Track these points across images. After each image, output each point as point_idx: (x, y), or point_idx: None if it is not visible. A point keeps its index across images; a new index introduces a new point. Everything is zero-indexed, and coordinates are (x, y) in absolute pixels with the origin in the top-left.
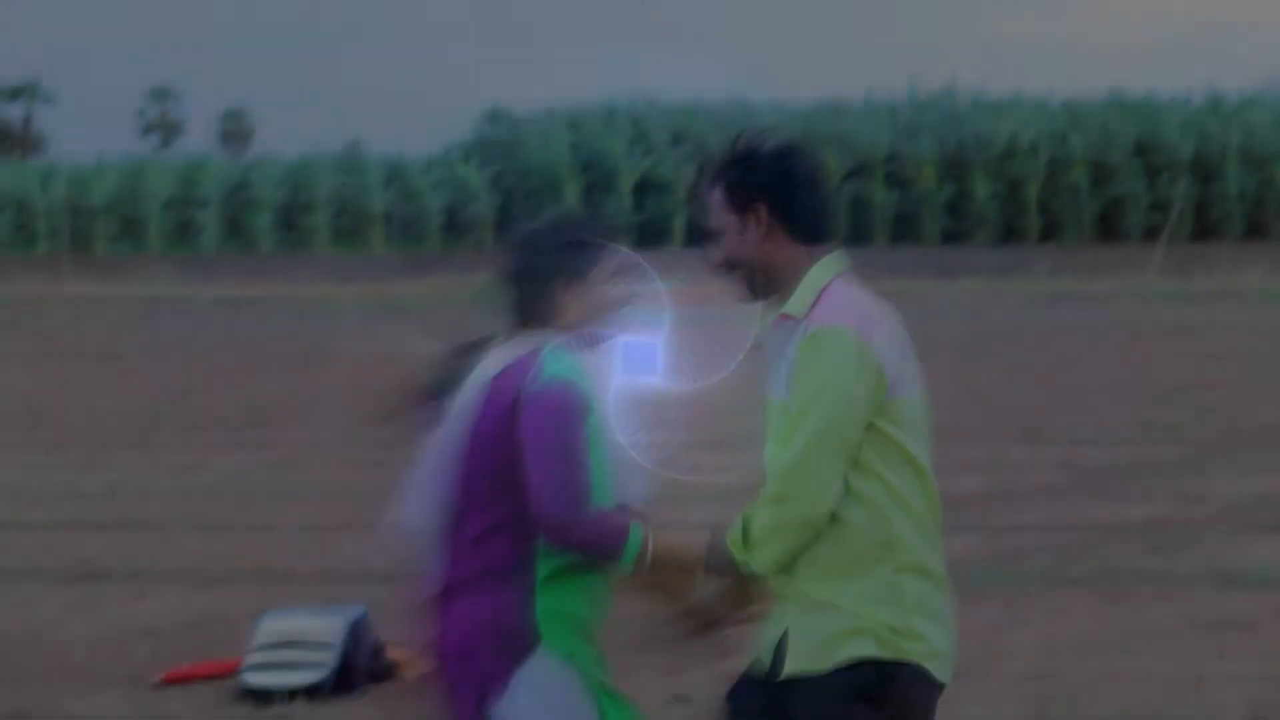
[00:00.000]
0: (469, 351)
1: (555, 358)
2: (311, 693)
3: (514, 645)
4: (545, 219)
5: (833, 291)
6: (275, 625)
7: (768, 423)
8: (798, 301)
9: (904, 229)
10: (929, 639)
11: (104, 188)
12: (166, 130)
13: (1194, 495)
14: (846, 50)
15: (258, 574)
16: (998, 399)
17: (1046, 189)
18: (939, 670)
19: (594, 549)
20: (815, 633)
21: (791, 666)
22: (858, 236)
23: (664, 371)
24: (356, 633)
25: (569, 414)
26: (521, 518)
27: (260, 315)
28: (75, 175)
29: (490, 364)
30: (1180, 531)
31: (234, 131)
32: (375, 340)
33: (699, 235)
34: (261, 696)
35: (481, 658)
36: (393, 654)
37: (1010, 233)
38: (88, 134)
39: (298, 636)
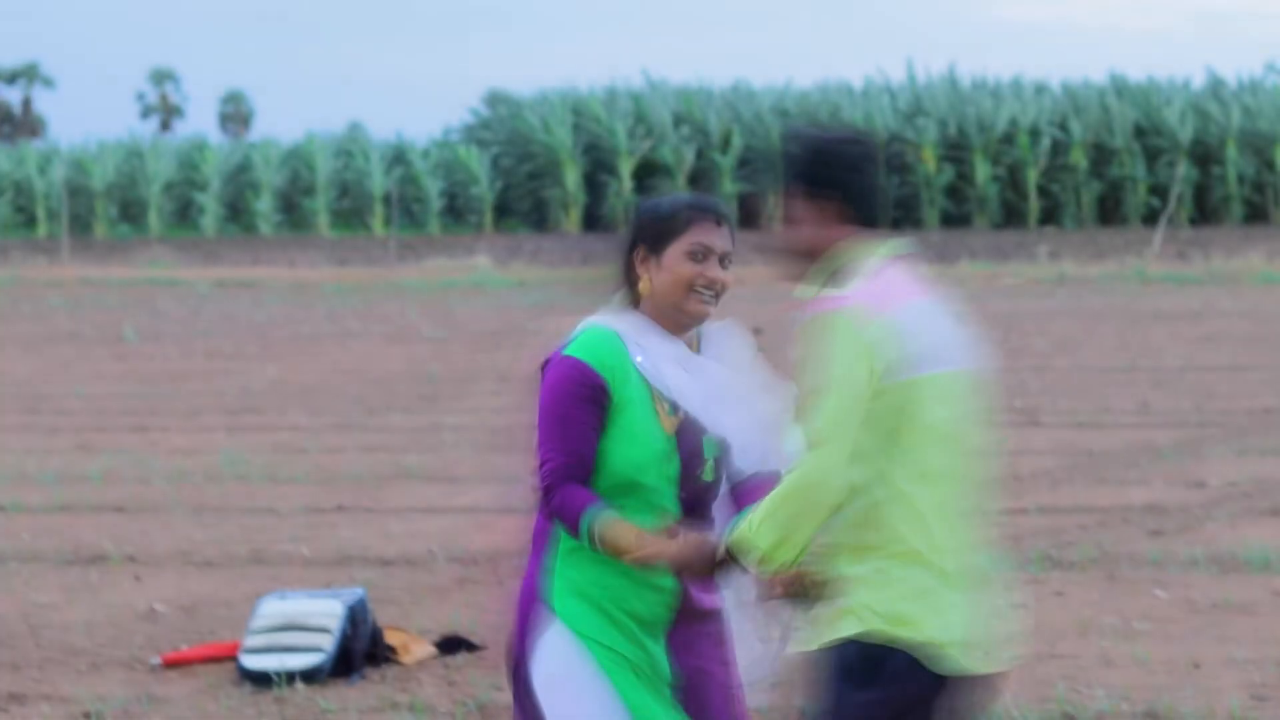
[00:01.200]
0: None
1: (583, 336)
2: (310, 676)
3: (537, 614)
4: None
5: (859, 275)
6: (273, 609)
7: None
8: (832, 286)
9: (904, 212)
10: (921, 627)
11: (103, 170)
12: (166, 113)
13: (1193, 479)
14: (847, 33)
15: (256, 557)
16: (996, 383)
17: (1046, 173)
18: (939, 662)
19: (559, 520)
20: (820, 611)
21: (805, 643)
22: None
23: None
24: (355, 616)
25: (564, 388)
26: None
27: (260, 298)
28: (75, 158)
29: (560, 338)
30: (1179, 515)
31: (233, 114)
32: (375, 323)
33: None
34: (260, 680)
35: (518, 625)
36: (391, 638)
37: (1010, 216)
38: (87, 117)
39: (296, 620)
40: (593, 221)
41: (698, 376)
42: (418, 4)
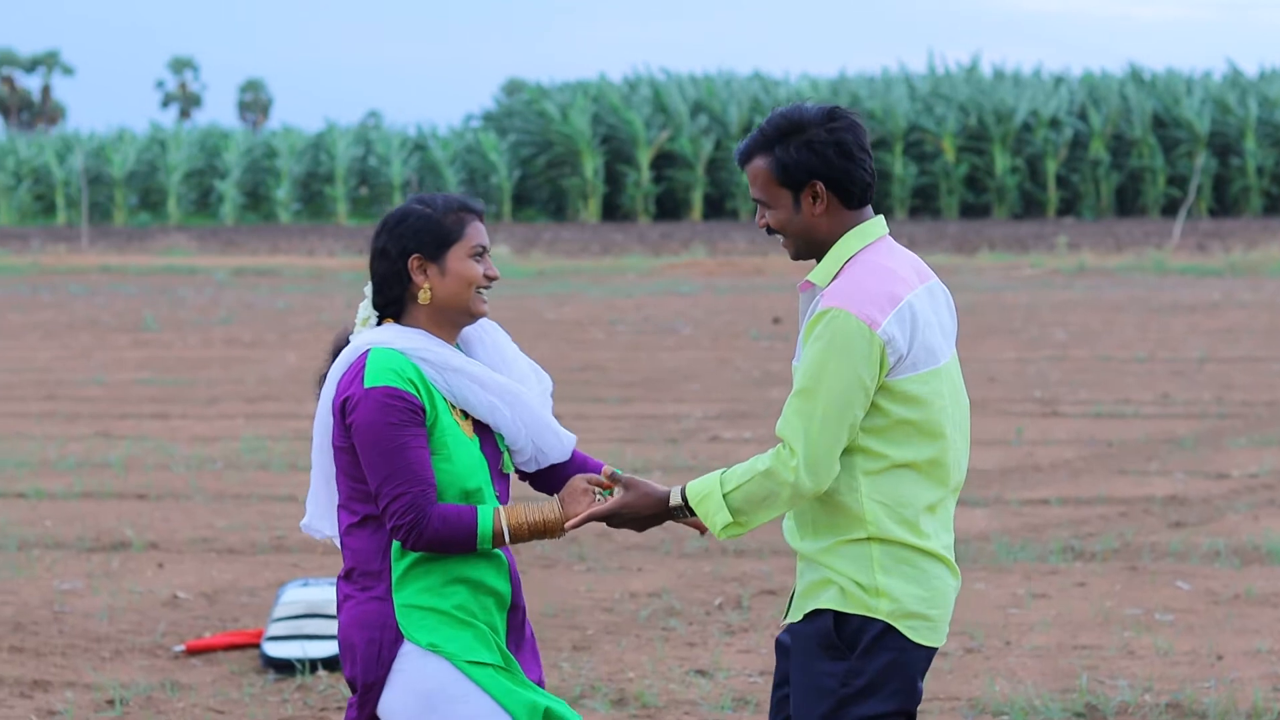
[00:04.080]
0: (342, 347)
1: (376, 360)
2: (332, 664)
3: (382, 643)
4: (408, 199)
5: (855, 263)
6: (296, 596)
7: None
8: (823, 271)
9: (923, 202)
10: (899, 599)
11: (124, 158)
12: (186, 101)
13: (1213, 470)
14: (868, 23)
15: (278, 545)
16: (1016, 373)
17: (1065, 163)
18: (917, 633)
19: (445, 547)
20: (802, 584)
21: (789, 616)
22: (876, 209)
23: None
24: None
25: (388, 419)
26: (375, 516)
27: (279, 286)
28: (95, 145)
29: (338, 365)
30: (1200, 507)
31: (252, 103)
32: None
33: (715, 209)
34: (282, 667)
35: (358, 656)
36: None
37: (1029, 207)
38: (106, 104)
39: (319, 607)
40: (611, 211)
41: (479, 381)
42: None
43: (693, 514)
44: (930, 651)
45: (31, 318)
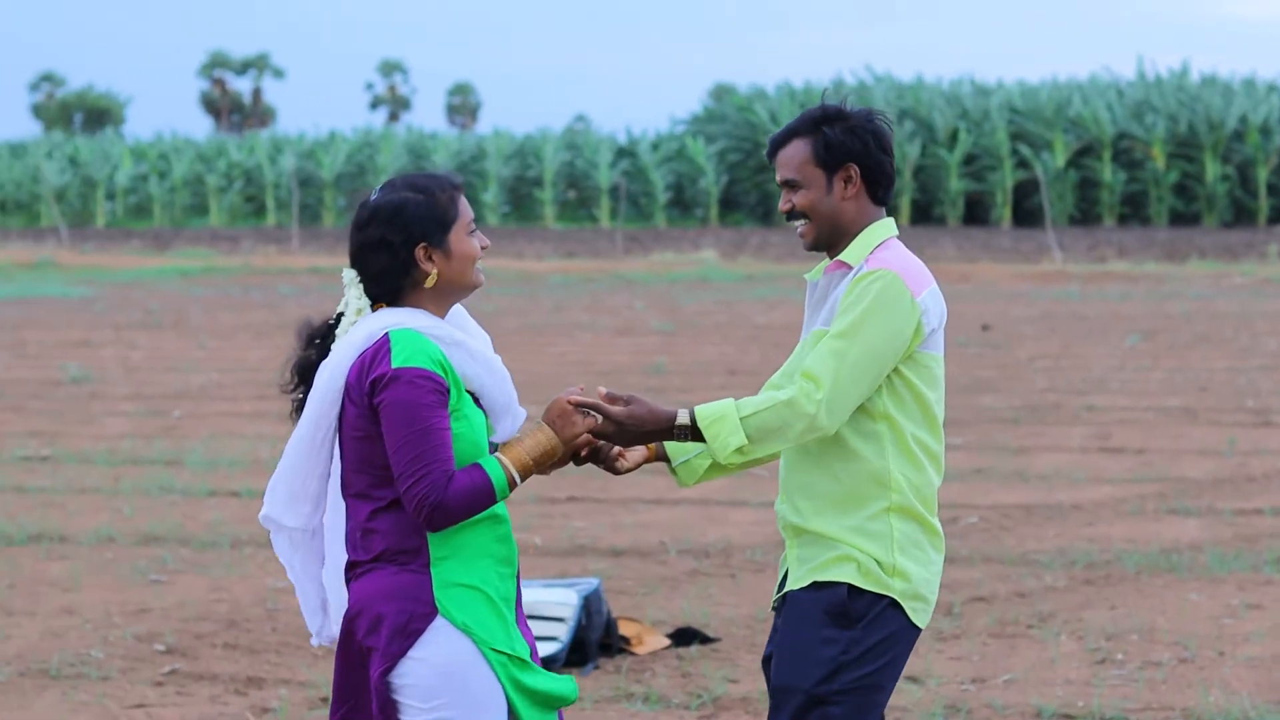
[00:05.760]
0: (321, 336)
1: (401, 342)
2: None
3: (413, 614)
4: (389, 187)
5: (888, 246)
6: None
7: (799, 353)
8: (855, 252)
9: (1132, 210)
10: (912, 579)
11: (333, 160)
12: (394, 104)
13: None
14: (1075, 27)
15: None
16: (1227, 383)
17: (1276, 171)
18: (917, 614)
19: (471, 514)
20: (808, 562)
21: (788, 586)
22: (1085, 216)
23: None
24: (590, 606)
25: (421, 400)
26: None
27: (487, 289)
28: (305, 148)
29: (345, 351)
30: None
31: (460, 106)
32: (602, 315)
33: (923, 215)
34: None
35: (384, 626)
36: (625, 629)
37: (1239, 215)
38: (316, 107)
39: (531, 609)
40: None
41: (473, 354)
42: None
43: (696, 436)
44: (918, 633)
45: (243, 318)
